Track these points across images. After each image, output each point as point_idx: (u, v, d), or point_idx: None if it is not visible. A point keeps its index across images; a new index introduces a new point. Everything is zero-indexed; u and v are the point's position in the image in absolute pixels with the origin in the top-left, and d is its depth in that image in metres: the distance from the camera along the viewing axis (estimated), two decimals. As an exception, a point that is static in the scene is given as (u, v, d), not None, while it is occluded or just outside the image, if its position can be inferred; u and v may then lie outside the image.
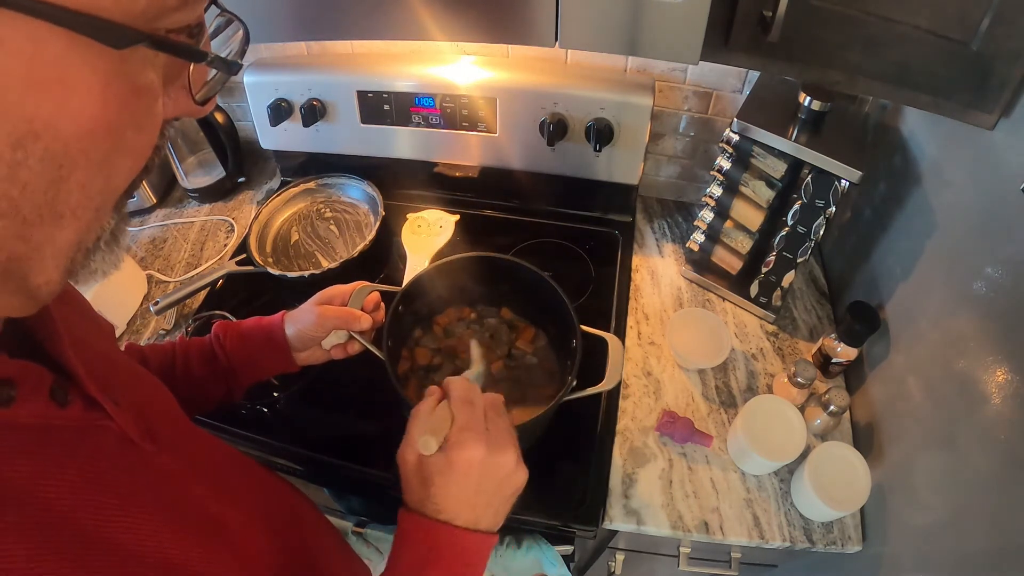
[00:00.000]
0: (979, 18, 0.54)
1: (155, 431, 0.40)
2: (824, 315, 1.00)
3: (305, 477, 0.86)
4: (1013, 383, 0.57)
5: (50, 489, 0.30)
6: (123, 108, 0.27)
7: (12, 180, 0.24)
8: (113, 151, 0.28)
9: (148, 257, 1.12)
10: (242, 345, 0.69)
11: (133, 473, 0.37)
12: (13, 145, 0.24)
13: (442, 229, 1.03)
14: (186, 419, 0.50)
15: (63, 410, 0.33)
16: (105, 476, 0.34)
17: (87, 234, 0.29)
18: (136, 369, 0.49)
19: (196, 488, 0.41)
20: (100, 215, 0.30)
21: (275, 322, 0.70)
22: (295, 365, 0.72)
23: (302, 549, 0.51)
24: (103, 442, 0.36)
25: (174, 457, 0.41)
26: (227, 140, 1.16)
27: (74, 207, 0.27)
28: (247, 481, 0.51)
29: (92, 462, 0.34)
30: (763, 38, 0.58)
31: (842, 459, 0.76)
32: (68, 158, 0.26)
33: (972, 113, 0.62)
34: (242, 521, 0.44)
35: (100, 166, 0.27)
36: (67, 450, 0.33)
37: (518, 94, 0.97)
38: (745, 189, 0.88)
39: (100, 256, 0.31)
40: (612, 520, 0.78)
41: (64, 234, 0.28)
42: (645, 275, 1.06)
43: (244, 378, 0.70)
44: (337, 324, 0.69)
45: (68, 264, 0.29)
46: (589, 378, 0.70)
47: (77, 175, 0.26)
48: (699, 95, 1.00)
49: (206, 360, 0.68)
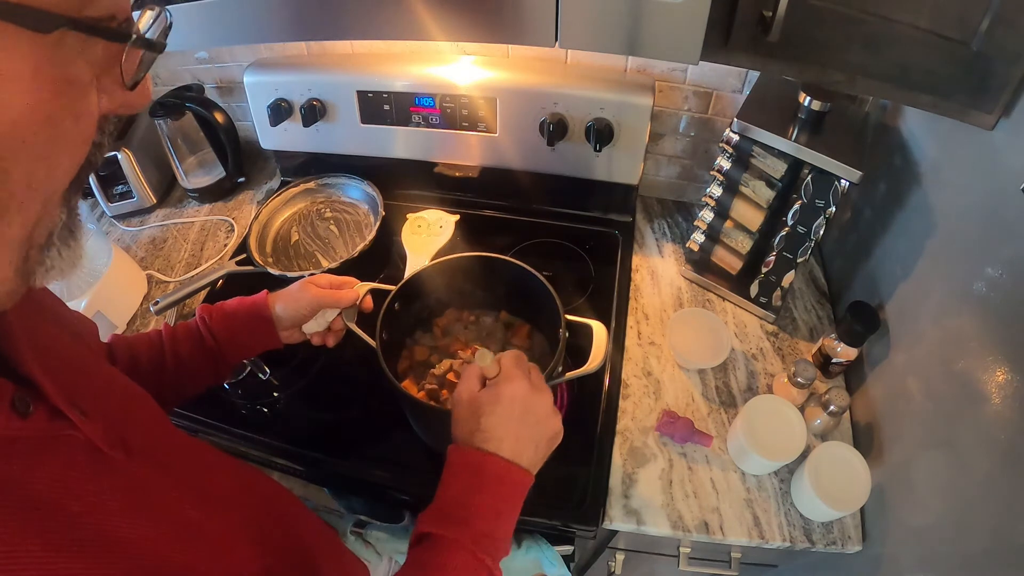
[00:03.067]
0: (979, 18, 0.54)
1: (128, 440, 0.40)
2: (824, 315, 1.00)
3: (305, 477, 0.86)
4: (1013, 383, 0.57)
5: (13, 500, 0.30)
6: (56, 96, 0.27)
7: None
8: (52, 142, 0.28)
9: (148, 257, 1.13)
10: (228, 324, 0.70)
11: (100, 482, 0.36)
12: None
13: (442, 229, 1.03)
14: (168, 425, 0.49)
15: (24, 421, 0.32)
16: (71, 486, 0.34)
17: (36, 229, 0.30)
18: (112, 376, 0.48)
19: (172, 494, 0.41)
20: (47, 209, 0.30)
21: (259, 300, 0.72)
22: (279, 342, 0.73)
23: (292, 552, 0.51)
24: (69, 452, 0.35)
25: (149, 465, 0.41)
26: (227, 140, 1.17)
27: (20, 200, 0.28)
28: (233, 486, 0.50)
29: (57, 472, 0.33)
30: (763, 38, 0.58)
31: (842, 459, 0.76)
32: (7, 149, 0.26)
33: (972, 113, 0.62)
34: (225, 528, 0.43)
35: (40, 157, 0.28)
36: (30, 461, 0.32)
37: (518, 94, 0.97)
38: (745, 189, 0.88)
39: (55, 252, 0.31)
40: (612, 520, 0.78)
41: (12, 230, 0.28)
42: (645, 275, 1.06)
43: (231, 356, 0.71)
44: (322, 296, 0.71)
45: (20, 262, 0.29)
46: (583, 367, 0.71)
47: (19, 167, 0.27)
48: (699, 95, 1.00)
49: (194, 343, 0.69)
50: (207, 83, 1.21)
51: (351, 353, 0.78)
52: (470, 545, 0.48)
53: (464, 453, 0.53)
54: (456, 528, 0.48)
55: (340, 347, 0.80)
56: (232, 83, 1.22)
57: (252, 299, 0.72)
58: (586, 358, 0.71)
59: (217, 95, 1.24)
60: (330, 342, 0.77)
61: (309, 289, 0.71)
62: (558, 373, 0.72)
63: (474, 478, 0.51)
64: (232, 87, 1.23)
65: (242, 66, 1.10)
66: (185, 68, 1.21)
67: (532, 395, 0.55)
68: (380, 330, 0.73)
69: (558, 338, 0.73)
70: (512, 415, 0.53)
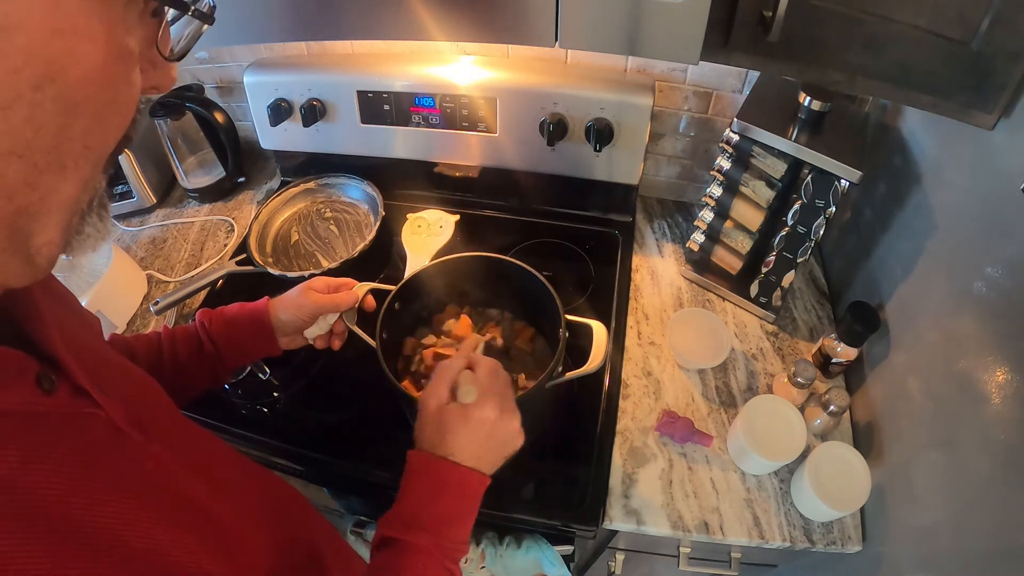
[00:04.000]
0: (979, 18, 0.54)
1: (144, 421, 0.40)
2: (824, 315, 1.00)
3: (305, 477, 0.86)
4: (1013, 383, 0.57)
5: (36, 476, 0.31)
6: (117, 61, 0.30)
7: (29, 121, 0.26)
8: (108, 104, 0.30)
9: (148, 257, 1.13)
10: (228, 330, 0.70)
11: (121, 461, 0.37)
12: (34, 86, 0.26)
13: (442, 229, 1.03)
14: (177, 412, 0.50)
15: (49, 397, 0.33)
16: (93, 463, 0.34)
17: (84, 192, 0.32)
18: (124, 363, 0.49)
19: (187, 478, 0.42)
20: (95, 173, 0.32)
21: (260, 306, 0.72)
22: (278, 349, 0.74)
23: (297, 543, 0.52)
24: (91, 430, 0.36)
25: (164, 447, 0.41)
26: (227, 140, 1.17)
27: (76, 158, 0.30)
28: (240, 475, 0.51)
29: (79, 449, 0.34)
30: (763, 38, 0.58)
31: (842, 459, 0.76)
32: (74, 104, 0.28)
33: (972, 113, 0.62)
34: (235, 513, 0.44)
35: (98, 117, 0.30)
36: (53, 437, 0.33)
37: (518, 94, 0.97)
38: (745, 189, 0.88)
39: (93, 221, 0.33)
40: (612, 520, 0.78)
41: (67, 187, 0.30)
42: (645, 275, 1.06)
43: (230, 362, 0.71)
44: (322, 302, 0.72)
45: (67, 224, 0.31)
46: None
47: (80, 123, 0.29)
48: (699, 95, 1.00)
49: (192, 347, 0.69)
50: (207, 83, 1.21)
51: (351, 353, 0.78)
52: (433, 550, 0.50)
53: (427, 460, 0.54)
54: (419, 533, 0.50)
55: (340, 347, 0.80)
56: (232, 83, 1.22)
57: (253, 306, 0.72)
58: (586, 358, 0.71)
59: (217, 95, 1.24)
60: (335, 345, 0.77)
61: (309, 295, 0.72)
62: (558, 373, 0.72)
63: (435, 484, 0.53)
64: (232, 87, 1.23)
65: (242, 66, 1.10)
66: (185, 68, 1.21)
67: (501, 420, 0.56)
68: (380, 330, 0.73)
69: (558, 338, 0.73)
70: (477, 437, 0.55)
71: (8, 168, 0.27)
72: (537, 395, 0.70)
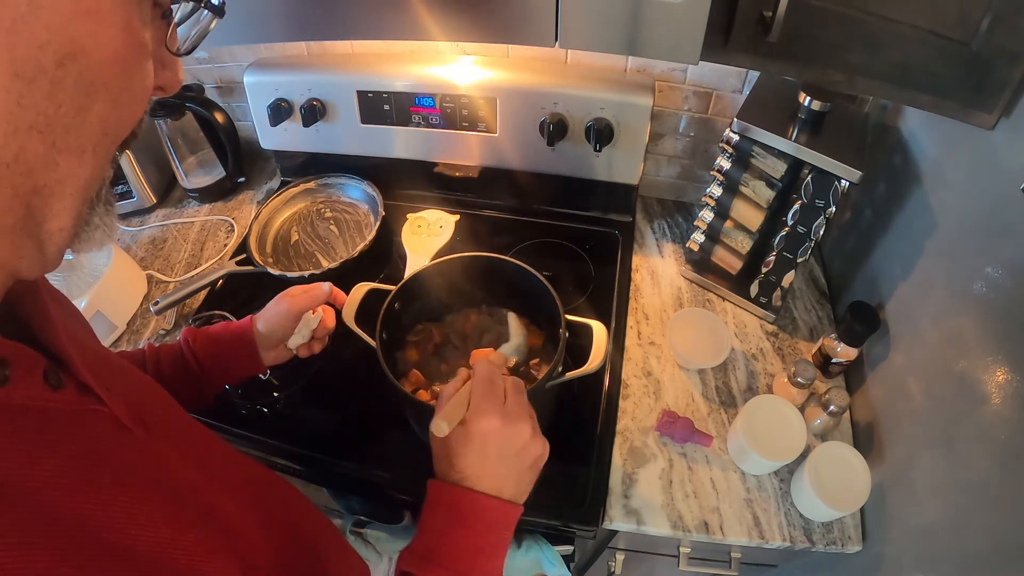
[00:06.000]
0: (979, 18, 0.54)
1: (148, 419, 0.40)
2: (824, 315, 1.00)
3: (305, 477, 0.86)
4: (1013, 383, 0.57)
5: (45, 471, 0.31)
6: (135, 51, 0.31)
7: (51, 98, 0.27)
8: (125, 91, 0.31)
9: (148, 257, 1.13)
10: (212, 349, 0.71)
11: (127, 457, 0.37)
12: (57, 62, 0.27)
13: (442, 229, 1.03)
14: (180, 410, 0.50)
15: (56, 393, 0.33)
16: (99, 459, 0.34)
17: (95, 179, 0.32)
18: (123, 363, 0.49)
19: (190, 475, 0.42)
20: (107, 159, 0.33)
21: (243, 324, 0.74)
22: (263, 367, 0.75)
23: (300, 542, 0.52)
24: (97, 426, 0.36)
25: (167, 445, 0.41)
26: (227, 140, 1.16)
27: (93, 142, 0.30)
28: (242, 473, 0.51)
29: (86, 446, 0.34)
30: (763, 38, 0.58)
31: (842, 459, 0.76)
32: (94, 86, 0.29)
33: (972, 113, 0.62)
34: (237, 511, 0.44)
35: (116, 103, 0.31)
36: (61, 433, 0.33)
37: (518, 94, 0.97)
38: (745, 189, 0.88)
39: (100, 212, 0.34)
40: (612, 520, 0.78)
41: (83, 171, 0.31)
42: (645, 275, 1.06)
43: (215, 380, 0.72)
44: (297, 300, 0.73)
45: (79, 212, 0.32)
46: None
47: (98, 107, 0.30)
48: (699, 95, 1.00)
49: (177, 365, 0.69)
50: (207, 83, 1.21)
51: (351, 353, 0.78)
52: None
53: (440, 488, 0.52)
54: (433, 568, 0.49)
55: (340, 347, 0.81)
56: (232, 83, 1.22)
57: (236, 324, 0.74)
58: (586, 358, 0.71)
59: (217, 95, 1.24)
60: (316, 348, 0.78)
61: (283, 300, 0.73)
62: (558, 373, 0.72)
63: (451, 515, 0.51)
64: (232, 87, 1.23)
65: (242, 66, 1.10)
66: (185, 68, 1.20)
67: (505, 428, 0.52)
68: (380, 330, 0.73)
69: (558, 338, 0.73)
70: (485, 453, 0.52)
71: (29, 142, 0.27)
72: (537, 395, 0.70)
